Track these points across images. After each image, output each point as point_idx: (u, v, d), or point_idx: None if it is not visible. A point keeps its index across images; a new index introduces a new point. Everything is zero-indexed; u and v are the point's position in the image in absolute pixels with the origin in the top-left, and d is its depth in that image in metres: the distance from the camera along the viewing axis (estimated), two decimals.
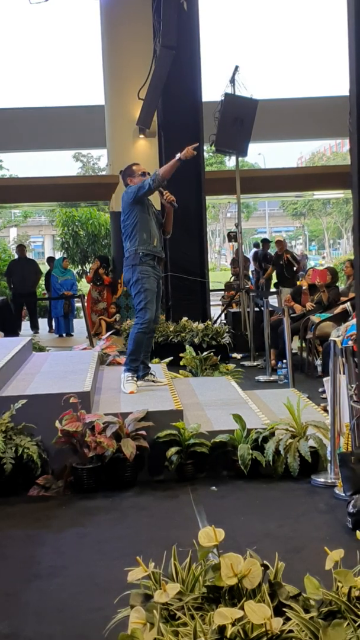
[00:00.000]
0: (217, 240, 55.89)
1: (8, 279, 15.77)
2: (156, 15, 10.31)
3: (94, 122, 16.70)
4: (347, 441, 4.70)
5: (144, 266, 6.06)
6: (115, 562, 3.61)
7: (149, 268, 6.09)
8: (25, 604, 3.32)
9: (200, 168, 10.47)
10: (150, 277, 6.08)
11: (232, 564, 2.46)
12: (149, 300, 6.06)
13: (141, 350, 6.14)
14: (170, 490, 4.84)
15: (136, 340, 6.09)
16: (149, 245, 6.08)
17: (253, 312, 10.45)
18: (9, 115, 19.65)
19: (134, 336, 6.10)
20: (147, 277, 6.06)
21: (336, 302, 9.37)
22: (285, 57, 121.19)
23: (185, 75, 10.31)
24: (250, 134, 10.84)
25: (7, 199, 20.10)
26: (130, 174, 6.30)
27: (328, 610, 2.38)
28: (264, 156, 44.90)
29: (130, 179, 6.27)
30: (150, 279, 6.08)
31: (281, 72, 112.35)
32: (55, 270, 15.49)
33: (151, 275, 6.09)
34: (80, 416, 4.97)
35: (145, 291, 6.06)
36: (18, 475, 4.79)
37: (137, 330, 6.09)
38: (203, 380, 7.28)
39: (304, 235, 58.67)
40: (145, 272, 6.07)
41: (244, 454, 4.91)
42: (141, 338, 6.10)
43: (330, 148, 54.10)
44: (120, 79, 13.88)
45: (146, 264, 6.07)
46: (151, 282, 6.08)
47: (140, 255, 6.05)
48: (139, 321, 6.11)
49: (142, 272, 6.06)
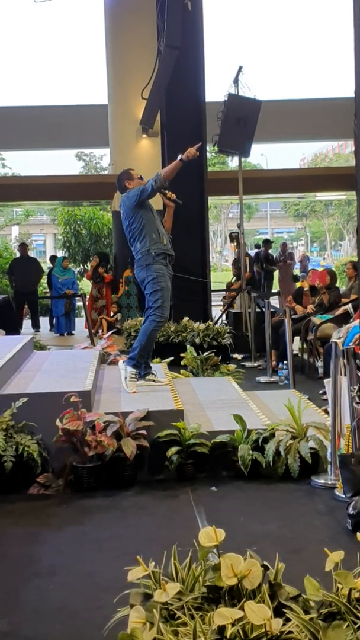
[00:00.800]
0: (219, 240, 55.88)
1: (10, 277, 15.78)
2: (160, 15, 10.31)
3: (97, 122, 16.71)
4: (348, 443, 4.70)
5: (158, 265, 6.14)
6: (115, 561, 3.60)
7: (162, 267, 6.17)
8: (24, 602, 3.32)
9: (202, 168, 10.47)
10: (165, 276, 6.18)
11: (232, 564, 2.46)
12: (165, 298, 6.17)
13: (151, 347, 6.24)
14: (170, 490, 4.85)
15: (150, 336, 6.17)
16: (159, 244, 6.15)
17: (254, 312, 10.45)
18: (12, 113, 19.67)
19: (149, 331, 6.16)
20: (162, 276, 6.15)
21: (337, 304, 9.37)
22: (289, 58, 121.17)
23: (188, 75, 10.30)
24: (253, 134, 10.83)
25: (9, 197, 20.11)
26: (128, 177, 6.37)
27: (328, 612, 2.38)
28: (266, 157, 44.86)
29: (128, 181, 6.33)
30: (165, 277, 6.17)
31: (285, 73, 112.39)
32: (55, 270, 15.51)
33: (165, 273, 6.18)
34: (81, 415, 4.97)
35: (162, 289, 6.14)
36: (18, 473, 4.79)
37: (153, 327, 6.15)
38: (204, 381, 7.28)
39: (305, 236, 58.65)
40: (160, 270, 6.14)
41: (244, 455, 4.91)
42: (154, 335, 6.22)
43: (333, 149, 54.08)
44: (123, 79, 13.89)
45: (159, 262, 6.15)
46: (166, 280, 6.18)
47: (153, 254, 6.13)
48: (155, 318, 6.16)
49: (157, 270, 6.14)
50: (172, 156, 10.36)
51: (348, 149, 49.59)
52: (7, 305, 14.33)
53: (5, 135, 19.35)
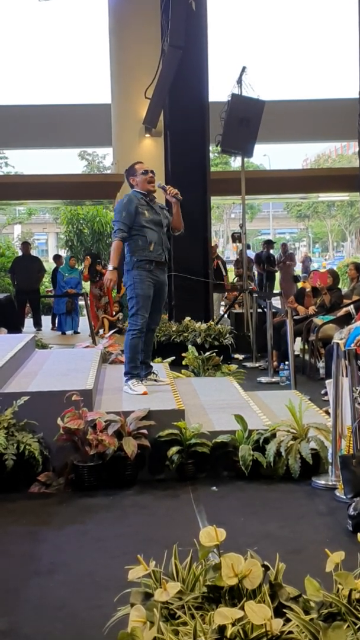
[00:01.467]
0: (221, 240, 55.87)
1: (12, 275, 15.79)
2: (164, 15, 10.33)
3: (100, 121, 16.73)
4: (349, 444, 4.70)
5: (138, 270, 6.03)
6: (115, 560, 3.61)
7: (144, 272, 6.03)
8: (24, 600, 3.32)
9: (205, 168, 10.47)
10: (144, 282, 6.03)
11: (232, 564, 2.46)
12: (141, 306, 6.03)
13: (138, 355, 6.12)
14: (170, 490, 4.85)
15: (131, 347, 6.06)
16: (144, 251, 6.02)
17: (256, 313, 10.45)
18: (15, 112, 19.69)
19: (128, 343, 6.08)
20: (141, 282, 6.02)
21: (339, 305, 9.37)
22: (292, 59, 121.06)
23: (192, 75, 10.31)
24: (256, 135, 10.83)
25: (12, 196, 20.13)
26: (132, 173, 6.27)
27: (328, 612, 2.38)
28: (269, 157, 44.85)
29: (132, 178, 6.25)
30: (144, 283, 6.03)
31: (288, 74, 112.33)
32: (62, 268, 15.52)
33: (145, 279, 6.03)
34: (82, 414, 4.97)
35: (137, 297, 6.03)
36: (19, 471, 4.79)
37: (130, 337, 6.06)
38: (205, 381, 7.28)
39: (307, 237, 58.65)
40: (139, 276, 6.03)
41: (245, 455, 4.91)
42: (136, 343, 6.07)
43: (336, 150, 54.07)
44: (127, 78, 13.90)
45: (141, 268, 6.03)
46: (144, 288, 6.03)
47: (135, 260, 6.03)
48: (131, 327, 6.09)
49: (135, 276, 6.03)
50: (174, 156, 10.42)
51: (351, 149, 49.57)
52: (9, 304, 14.34)
53: (9, 133, 19.37)
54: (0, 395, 5.15)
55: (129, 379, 6.02)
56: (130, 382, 5.98)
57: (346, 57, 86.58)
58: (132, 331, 6.06)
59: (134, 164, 6.37)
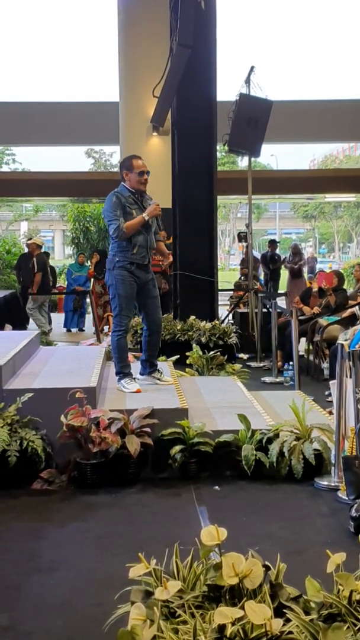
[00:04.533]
0: (227, 240, 55.87)
1: (17, 272, 15.78)
2: (173, 14, 10.30)
3: (108, 119, 16.72)
4: (352, 445, 4.70)
5: (120, 270, 5.94)
6: (117, 558, 3.61)
7: (125, 272, 5.94)
8: (25, 597, 3.33)
9: (212, 167, 10.46)
10: (125, 282, 5.94)
11: (233, 563, 2.46)
12: (124, 306, 5.98)
13: (126, 355, 6.09)
14: (173, 488, 4.85)
15: (118, 348, 6.03)
16: (127, 252, 5.93)
17: (261, 312, 10.45)
18: (23, 109, 19.71)
19: (115, 345, 6.05)
20: (122, 283, 5.94)
21: (344, 306, 9.36)
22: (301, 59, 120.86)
23: (200, 74, 10.28)
24: (264, 134, 10.80)
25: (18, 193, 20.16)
26: (128, 167, 6.02)
27: (328, 613, 2.38)
28: (276, 157, 44.82)
29: (126, 172, 6.00)
30: (125, 284, 5.95)
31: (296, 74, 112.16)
32: (71, 265, 15.52)
33: (127, 280, 5.94)
34: (86, 411, 4.98)
35: (119, 297, 5.97)
36: (22, 468, 4.79)
37: (116, 338, 6.03)
38: (209, 380, 7.28)
39: (314, 237, 58.60)
40: (120, 275, 5.94)
41: (247, 455, 4.91)
42: (123, 343, 6.04)
43: (343, 151, 53.98)
44: (135, 77, 13.87)
45: (122, 267, 5.94)
46: (126, 288, 5.95)
47: (116, 260, 5.96)
48: (115, 328, 6.06)
49: (116, 276, 5.95)
50: (182, 155, 10.40)
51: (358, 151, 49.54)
52: (14, 300, 14.37)
53: (16, 131, 19.38)
54: (4, 392, 5.16)
55: (120, 378, 6.02)
56: (123, 380, 5.98)
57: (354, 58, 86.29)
58: (117, 332, 6.03)
59: (131, 158, 6.10)
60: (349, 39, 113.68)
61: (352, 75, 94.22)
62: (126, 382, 5.96)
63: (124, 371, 6.04)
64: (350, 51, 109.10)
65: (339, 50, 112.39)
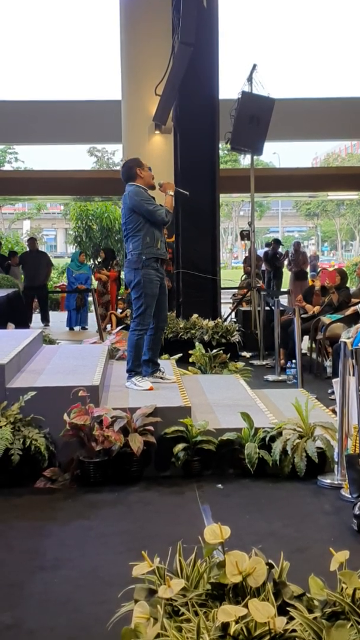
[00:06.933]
0: (230, 238, 55.86)
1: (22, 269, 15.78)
2: (175, 12, 10.30)
3: (110, 117, 16.74)
4: (355, 443, 4.70)
5: (147, 269, 6.01)
6: (120, 556, 3.62)
7: (152, 271, 6.04)
8: (28, 595, 3.33)
9: (214, 166, 10.45)
10: (153, 282, 6.04)
11: (237, 561, 2.46)
12: (149, 305, 6.04)
13: (141, 353, 6.12)
14: (176, 487, 4.85)
15: (135, 346, 6.06)
16: (152, 248, 6.02)
17: (264, 311, 10.44)
18: (25, 108, 19.73)
19: (133, 342, 6.06)
20: (150, 282, 6.02)
21: (347, 304, 9.35)
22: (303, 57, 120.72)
23: (202, 73, 10.27)
24: (266, 132, 10.80)
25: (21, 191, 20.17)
26: (139, 164, 6.22)
27: (332, 611, 2.38)
28: (278, 155, 44.89)
29: (140, 169, 6.17)
30: (153, 283, 6.04)
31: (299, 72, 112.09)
32: (71, 264, 15.53)
33: (154, 279, 6.05)
34: (89, 410, 4.98)
35: (146, 296, 6.03)
36: (25, 466, 4.80)
37: (135, 337, 6.05)
38: (212, 378, 7.28)
39: (316, 235, 58.56)
40: (148, 275, 6.02)
41: (250, 453, 4.91)
42: (140, 343, 6.08)
43: (346, 149, 53.95)
44: (137, 75, 13.88)
45: (150, 267, 6.02)
46: (153, 287, 6.04)
47: (144, 259, 6.00)
48: (136, 326, 6.08)
49: (144, 275, 6.01)
50: (184, 153, 10.40)
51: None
52: (17, 299, 14.36)
53: (19, 129, 19.40)
54: (7, 390, 5.16)
55: (132, 375, 6.03)
56: (134, 378, 5.99)
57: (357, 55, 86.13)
58: (139, 331, 6.06)
59: (134, 158, 6.42)
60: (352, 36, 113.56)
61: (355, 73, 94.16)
62: (137, 379, 5.98)
63: (136, 370, 6.06)
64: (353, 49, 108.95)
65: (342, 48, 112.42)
